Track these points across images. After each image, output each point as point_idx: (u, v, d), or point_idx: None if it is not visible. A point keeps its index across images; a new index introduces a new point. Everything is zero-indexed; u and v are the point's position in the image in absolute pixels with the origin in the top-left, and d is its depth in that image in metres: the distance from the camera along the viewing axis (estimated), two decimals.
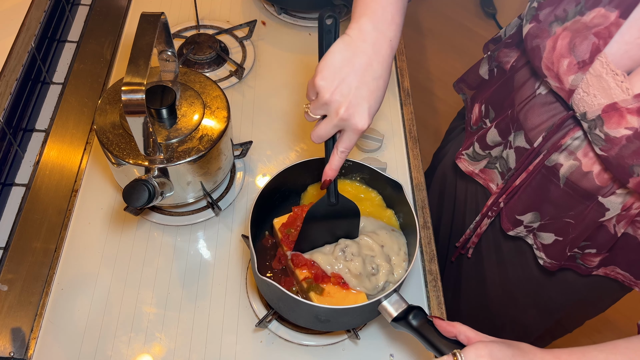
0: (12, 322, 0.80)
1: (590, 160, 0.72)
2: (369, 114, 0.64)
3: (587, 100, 0.66)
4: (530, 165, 0.79)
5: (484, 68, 0.93)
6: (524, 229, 0.86)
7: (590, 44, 0.63)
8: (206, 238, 0.90)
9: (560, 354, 0.56)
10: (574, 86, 0.67)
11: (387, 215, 0.81)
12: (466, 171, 0.94)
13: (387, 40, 0.64)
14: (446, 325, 0.62)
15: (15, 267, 0.84)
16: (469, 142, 0.91)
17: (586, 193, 0.75)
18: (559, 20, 0.67)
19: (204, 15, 1.21)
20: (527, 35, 0.72)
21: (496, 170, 0.89)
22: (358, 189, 0.83)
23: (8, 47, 0.91)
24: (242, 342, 0.80)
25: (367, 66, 0.63)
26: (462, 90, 1.01)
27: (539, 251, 0.87)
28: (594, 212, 0.76)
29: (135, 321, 0.81)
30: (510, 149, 0.83)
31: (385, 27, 0.64)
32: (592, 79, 0.64)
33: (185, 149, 0.78)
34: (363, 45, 0.63)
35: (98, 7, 1.21)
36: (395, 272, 0.74)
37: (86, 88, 1.07)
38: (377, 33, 0.63)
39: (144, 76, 0.67)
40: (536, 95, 0.77)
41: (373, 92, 0.63)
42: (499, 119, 0.84)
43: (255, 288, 0.85)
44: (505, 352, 0.55)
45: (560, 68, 0.67)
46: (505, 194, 0.85)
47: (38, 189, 0.93)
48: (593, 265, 0.85)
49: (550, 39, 0.68)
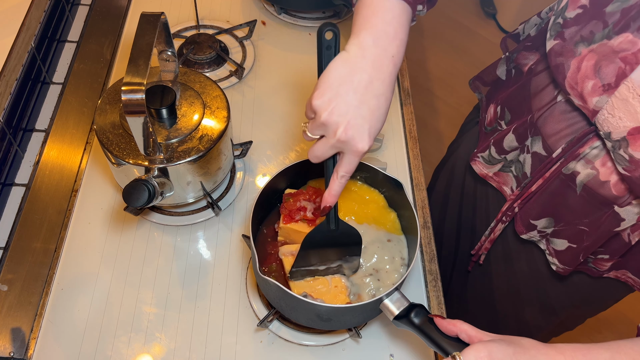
0: (12, 322, 0.80)
1: (608, 170, 0.71)
2: (370, 135, 0.60)
3: (611, 121, 0.65)
4: (547, 173, 0.78)
5: (502, 68, 0.92)
6: (537, 234, 0.86)
7: (616, 68, 0.62)
8: (206, 238, 0.90)
9: (564, 350, 0.56)
10: (598, 107, 0.66)
11: (391, 218, 0.81)
12: (480, 174, 0.93)
13: (389, 56, 0.60)
14: (447, 324, 0.62)
15: (15, 267, 0.84)
16: (485, 144, 0.90)
17: (603, 200, 0.74)
18: (585, 42, 0.66)
19: (204, 15, 1.21)
20: (551, 51, 0.71)
21: (511, 174, 0.88)
22: (362, 189, 0.82)
23: (8, 47, 0.91)
24: (242, 342, 0.80)
25: (367, 84, 0.59)
26: (478, 88, 1.00)
27: (552, 257, 0.86)
28: (609, 221, 0.75)
29: (135, 321, 0.81)
30: (527, 154, 0.82)
31: (387, 43, 0.60)
32: (618, 102, 0.63)
33: (185, 149, 0.78)
34: (362, 62, 0.59)
35: (98, 7, 1.21)
36: (384, 283, 0.74)
37: (86, 88, 1.07)
38: (378, 49, 0.59)
39: (144, 76, 0.67)
40: (556, 102, 0.76)
41: (374, 112, 0.60)
42: (516, 123, 0.83)
43: (255, 288, 0.85)
44: (506, 350, 0.54)
45: (585, 89, 0.66)
46: (521, 199, 0.85)
47: (38, 189, 0.93)
48: (604, 269, 0.85)
49: (575, 59, 0.67)
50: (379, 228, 0.79)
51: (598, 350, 0.55)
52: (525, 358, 0.55)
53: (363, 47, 0.59)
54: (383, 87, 0.60)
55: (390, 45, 0.60)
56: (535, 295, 1.00)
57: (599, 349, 0.56)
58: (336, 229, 0.70)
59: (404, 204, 0.77)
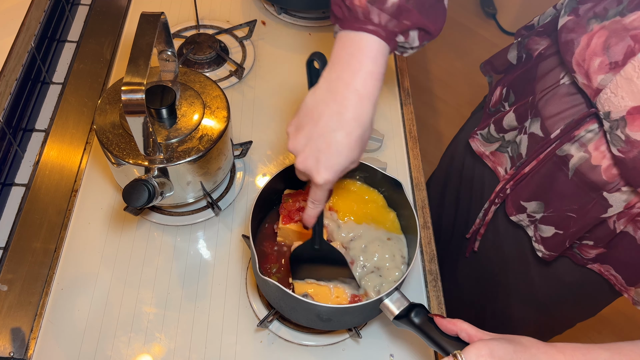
0: (12, 322, 0.80)
1: (600, 154, 0.72)
2: (327, 167, 0.59)
3: (613, 100, 0.65)
4: (542, 154, 0.79)
5: (513, 53, 0.93)
6: (527, 218, 0.87)
7: (625, 46, 0.63)
8: (206, 238, 0.90)
9: (564, 349, 0.56)
10: (602, 86, 0.66)
11: (390, 218, 0.81)
12: (477, 151, 0.94)
13: (352, 90, 0.58)
14: (447, 323, 0.62)
15: (15, 267, 0.84)
16: (486, 123, 0.91)
17: (593, 185, 0.75)
18: (597, 18, 0.66)
19: (204, 15, 1.21)
20: (563, 27, 0.71)
21: (506, 155, 0.89)
22: (361, 189, 0.83)
23: (8, 47, 0.91)
24: (242, 342, 0.80)
25: (327, 117, 0.58)
26: (488, 72, 1.01)
27: (538, 244, 0.87)
28: (596, 208, 0.76)
29: (135, 321, 0.81)
30: (524, 134, 0.82)
31: (350, 76, 0.58)
32: (622, 81, 0.64)
33: (185, 148, 0.78)
34: (325, 95, 0.59)
35: (98, 7, 1.21)
36: (387, 279, 0.75)
37: (86, 88, 1.07)
38: (340, 82, 0.58)
39: (144, 76, 0.67)
40: (559, 85, 0.77)
41: (330, 146, 0.58)
42: (518, 104, 0.84)
43: (255, 288, 0.85)
44: (507, 348, 0.55)
45: (591, 66, 0.67)
46: (513, 181, 0.86)
47: (38, 189, 0.93)
48: (589, 257, 0.86)
49: (585, 35, 0.67)
50: (378, 227, 0.79)
51: (598, 351, 0.56)
52: (526, 356, 0.55)
53: (328, 81, 0.59)
54: (340, 122, 0.58)
55: (353, 79, 0.58)
56: (523, 285, 1.00)
57: (599, 349, 0.56)
58: (319, 248, 0.72)
59: (404, 203, 0.78)
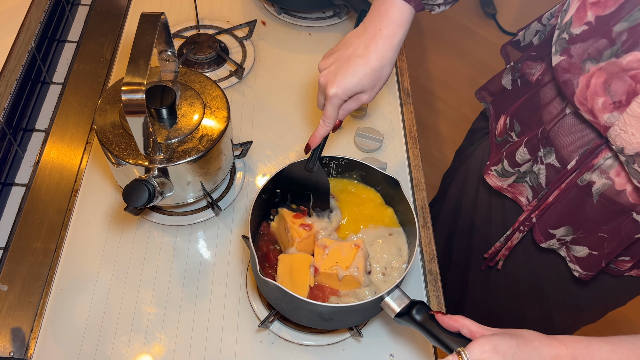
0: (12, 322, 0.80)
1: (623, 179, 0.71)
2: (338, 83, 0.71)
3: (624, 137, 0.65)
4: (563, 184, 0.79)
5: (507, 78, 0.92)
6: (557, 242, 0.86)
7: (626, 86, 0.62)
8: (206, 238, 0.90)
9: (565, 341, 0.56)
10: (609, 123, 0.66)
11: (388, 214, 0.81)
12: (494, 186, 0.93)
13: (377, 29, 0.72)
14: (448, 320, 0.62)
15: (15, 267, 0.84)
16: (497, 157, 0.90)
17: (621, 208, 0.74)
18: (592, 60, 0.66)
19: (204, 15, 1.21)
20: (558, 67, 0.71)
21: (526, 184, 0.88)
22: (358, 188, 0.83)
23: (8, 47, 0.91)
24: (242, 342, 0.80)
25: (355, 46, 0.72)
26: (484, 98, 1.00)
27: (573, 264, 0.86)
28: (629, 228, 0.75)
29: (135, 321, 0.81)
30: (541, 164, 0.82)
31: (378, 19, 0.73)
32: (630, 119, 0.63)
33: (185, 149, 0.78)
34: (359, 31, 0.74)
35: (98, 7, 1.21)
36: (393, 274, 0.75)
37: (86, 88, 1.07)
38: (371, 24, 0.73)
39: (144, 76, 0.67)
40: (566, 115, 0.76)
41: (350, 67, 0.71)
42: (526, 135, 0.83)
43: (255, 288, 0.85)
44: (509, 343, 0.55)
45: (595, 106, 0.66)
46: (538, 210, 0.85)
47: (38, 189, 0.93)
48: (625, 269, 0.85)
49: (583, 76, 0.67)
50: (376, 226, 0.79)
51: (599, 343, 0.56)
52: (529, 349, 0.55)
53: (364, 22, 0.74)
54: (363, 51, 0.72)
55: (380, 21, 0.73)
56: (561, 296, 1.00)
57: (600, 342, 0.56)
58: (312, 170, 0.78)
59: (400, 199, 0.78)
